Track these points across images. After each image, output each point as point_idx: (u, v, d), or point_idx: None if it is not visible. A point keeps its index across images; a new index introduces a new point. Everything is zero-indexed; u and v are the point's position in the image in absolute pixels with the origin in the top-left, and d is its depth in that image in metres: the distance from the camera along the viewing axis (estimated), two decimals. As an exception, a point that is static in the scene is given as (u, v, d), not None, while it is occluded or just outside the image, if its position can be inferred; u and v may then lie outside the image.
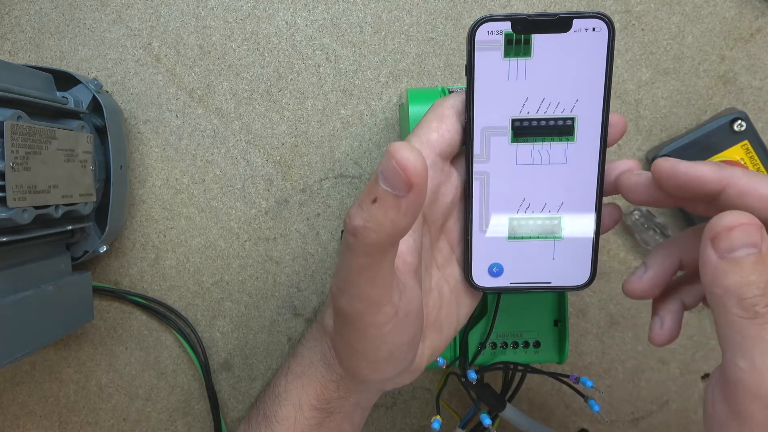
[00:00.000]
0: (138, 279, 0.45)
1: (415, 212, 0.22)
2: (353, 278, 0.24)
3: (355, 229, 0.22)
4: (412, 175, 0.21)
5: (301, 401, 0.31)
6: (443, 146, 0.28)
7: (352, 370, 0.30)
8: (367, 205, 0.22)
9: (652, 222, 0.43)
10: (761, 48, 0.42)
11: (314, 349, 0.32)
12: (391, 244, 0.23)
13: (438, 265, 0.30)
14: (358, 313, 0.25)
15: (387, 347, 0.27)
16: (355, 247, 0.23)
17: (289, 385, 0.32)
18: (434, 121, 0.28)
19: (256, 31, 0.43)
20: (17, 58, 0.43)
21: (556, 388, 0.46)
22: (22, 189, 0.31)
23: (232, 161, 0.44)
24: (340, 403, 0.32)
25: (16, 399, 0.46)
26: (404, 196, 0.21)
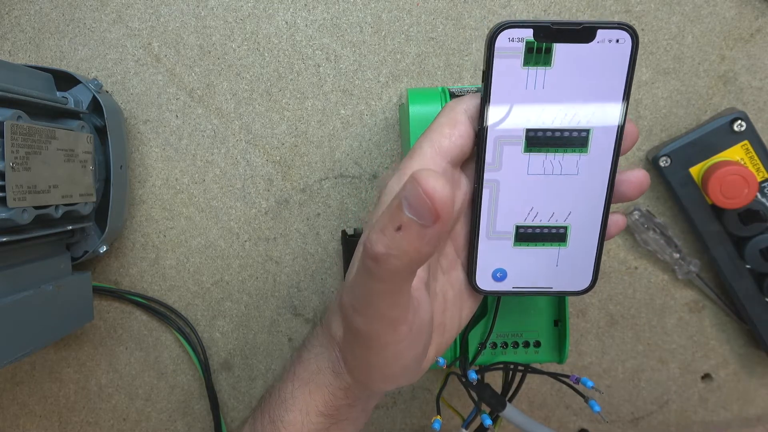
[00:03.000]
0: (138, 279, 0.45)
1: (440, 241, 0.22)
2: (372, 301, 0.24)
3: (377, 256, 0.22)
4: (440, 205, 0.20)
5: (308, 407, 0.31)
6: (455, 153, 0.27)
7: (364, 382, 0.29)
8: (390, 232, 0.21)
9: (652, 222, 0.43)
10: (761, 48, 0.42)
11: (321, 356, 0.31)
12: (413, 272, 0.23)
13: (443, 270, 0.30)
14: (375, 333, 0.25)
15: (402, 362, 0.27)
16: (376, 273, 0.23)
17: (296, 391, 0.32)
18: (446, 126, 0.27)
19: (256, 31, 0.43)
20: (17, 58, 0.43)
21: (556, 388, 0.46)
22: (22, 189, 0.31)
23: (232, 161, 0.44)
24: (347, 410, 0.31)
25: (16, 399, 0.46)
26: (430, 226, 0.21)
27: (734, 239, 0.42)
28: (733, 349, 0.45)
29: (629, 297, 0.45)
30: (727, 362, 0.46)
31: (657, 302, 0.45)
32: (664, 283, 0.45)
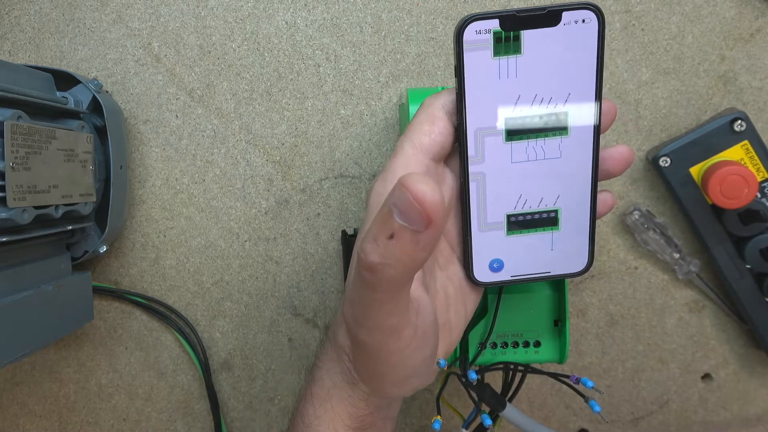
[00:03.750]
0: (138, 279, 0.45)
1: (434, 245, 0.21)
2: (372, 312, 0.24)
3: (372, 266, 0.22)
4: (431, 210, 0.20)
5: (335, 424, 0.30)
6: (436, 150, 0.27)
7: (378, 391, 0.29)
8: (383, 240, 0.21)
9: (652, 222, 0.43)
10: (761, 48, 0.42)
11: (333, 371, 0.31)
12: (409, 278, 0.23)
13: (440, 266, 0.30)
14: (379, 343, 0.25)
15: (411, 366, 0.27)
16: (372, 284, 0.22)
17: (318, 411, 0.31)
18: (425, 124, 0.27)
19: (256, 31, 0.43)
20: (17, 58, 0.43)
21: (556, 388, 0.46)
22: (22, 189, 0.31)
23: (232, 161, 0.44)
24: (371, 418, 0.31)
25: (16, 399, 0.46)
26: (423, 231, 0.20)
27: (734, 239, 0.42)
28: (733, 349, 0.45)
29: (629, 297, 0.45)
30: (727, 362, 0.46)
31: (657, 302, 0.45)
32: (664, 283, 0.45)
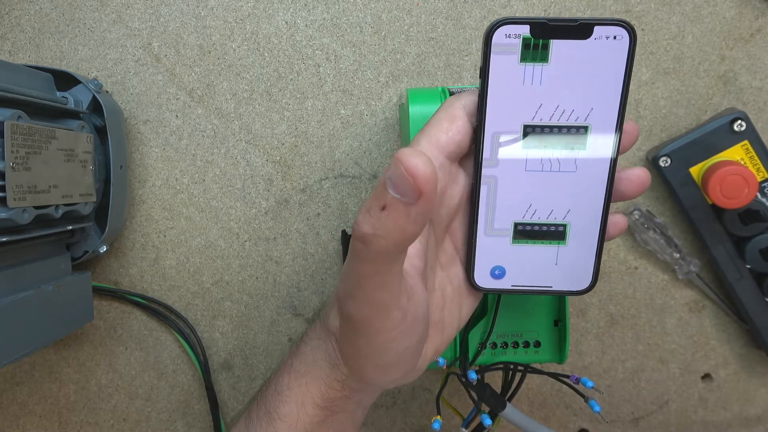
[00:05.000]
0: (138, 279, 0.45)
1: (425, 219, 0.22)
2: (362, 284, 0.24)
3: (363, 237, 0.22)
4: (422, 182, 0.20)
5: (304, 399, 0.31)
6: (452, 148, 0.28)
7: (358, 373, 0.29)
8: (376, 212, 0.22)
9: (652, 222, 0.43)
10: (761, 48, 0.42)
11: (318, 349, 0.32)
12: (400, 251, 0.23)
13: (442, 265, 0.30)
14: (366, 318, 0.25)
15: (395, 351, 0.27)
16: (363, 255, 0.23)
17: (293, 383, 0.32)
18: (445, 122, 0.28)
19: (256, 31, 0.43)
20: (17, 58, 0.43)
21: (556, 388, 0.46)
22: (22, 189, 0.31)
23: (232, 161, 0.44)
24: (343, 402, 0.31)
25: (16, 399, 0.46)
26: (414, 203, 0.21)
27: (734, 239, 0.42)
28: (733, 349, 0.45)
29: (629, 297, 0.45)
30: (727, 362, 0.46)
31: (657, 302, 0.45)
32: (664, 283, 0.45)
